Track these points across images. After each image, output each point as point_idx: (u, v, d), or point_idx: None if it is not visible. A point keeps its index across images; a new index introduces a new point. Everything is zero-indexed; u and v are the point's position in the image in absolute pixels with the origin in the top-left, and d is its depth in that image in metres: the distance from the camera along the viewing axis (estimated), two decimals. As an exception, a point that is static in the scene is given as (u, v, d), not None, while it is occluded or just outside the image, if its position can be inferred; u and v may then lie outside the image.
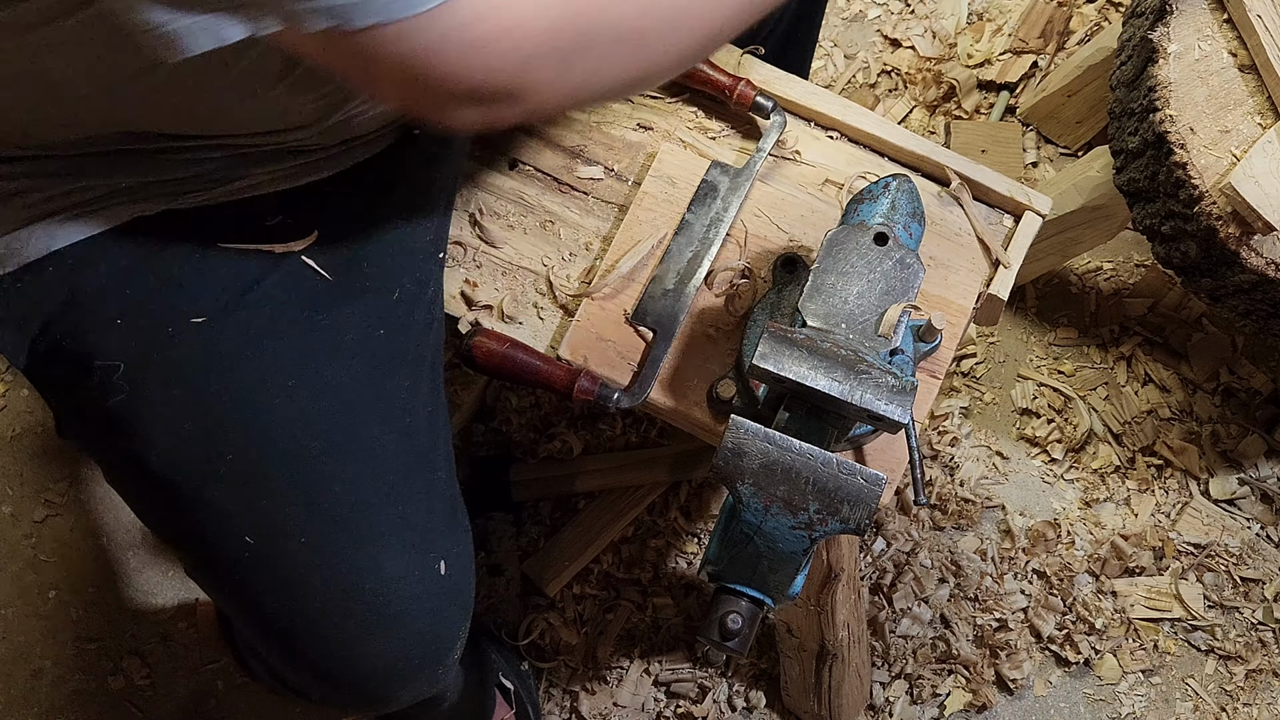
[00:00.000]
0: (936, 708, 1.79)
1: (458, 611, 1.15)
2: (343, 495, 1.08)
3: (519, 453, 1.89)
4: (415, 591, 1.10)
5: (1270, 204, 1.38)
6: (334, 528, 1.07)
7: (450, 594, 1.13)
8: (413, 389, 1.15)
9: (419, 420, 1.15)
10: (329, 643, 1.10)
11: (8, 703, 1.82)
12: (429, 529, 1.12)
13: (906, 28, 2.14)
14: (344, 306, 1.13)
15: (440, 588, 1.12)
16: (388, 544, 1.09)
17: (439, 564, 1.11)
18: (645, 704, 1.80)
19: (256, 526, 1.06)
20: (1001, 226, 1.32)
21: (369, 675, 1.11)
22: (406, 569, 1.10)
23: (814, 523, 1.00)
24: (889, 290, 1.09)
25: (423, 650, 1.12)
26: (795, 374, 1.02)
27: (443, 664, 1.15)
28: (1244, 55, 1.46)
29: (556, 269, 1.31)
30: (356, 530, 1.08)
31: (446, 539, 1.14)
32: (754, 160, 1.30)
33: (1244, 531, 1.86)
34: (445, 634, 1.14)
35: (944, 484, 1.88)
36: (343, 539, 1.08)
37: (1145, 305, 1.96)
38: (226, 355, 1.08)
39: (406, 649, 1.11)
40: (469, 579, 1.17)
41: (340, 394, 1.10)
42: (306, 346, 1.10)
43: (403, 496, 1.11)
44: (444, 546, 1.13)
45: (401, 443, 1.13)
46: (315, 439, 1.08)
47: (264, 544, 1.07)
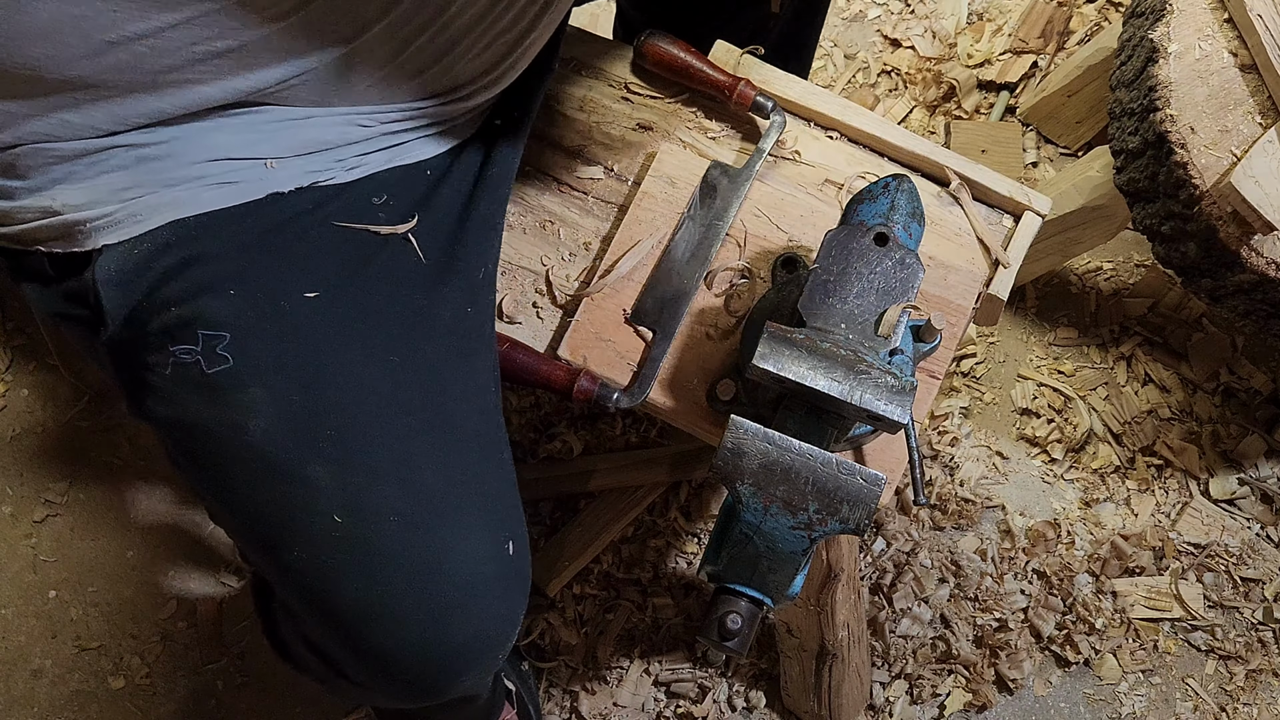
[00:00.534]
0: (936, 708, 1.79)
1: (522, 592, 1.14)
2: (434, 474, 1.08)
3: (519, 453, 1.89)
4: (491, 572, 1.10)
5: (1270, 204, 1.38)
6: (423, 507, 1.07)
7: (518, 574, 1.13)
8: (489, 368, 1.17)
9: (492, 399, 1.17)
10: (407, 624, 1.08)
11: (8, 703, 1.82)
12: (502, 509, 1.13)
13: (906, 28, 2.14)
14: (440, 286, 1.14)
15: (510, 568, 1.11)
16: (470, 524, 1.09)
17: (509, 544, 1.11)
18: (645, 704, 1.80)
19: (348, 504, 1.06)
20: (1001, 226, 1.32)
21: (440, 657, 1.10)
22: (484, 549, 1.09)
23: (813, 523, 1.00)
24: (888, 290, 1.09)
25: (494, 631, 1.11)
26: (795, 374, 1.02)
27: (505, 647, 1.14)
28: (1244, 55, 1.46)
29: (556, 269, 1.31)
30: (444, 509, 1.08)
31: (514, 519, 1.14)
32: (753, 160, 1.30)
33: (1244, 531, 1.86)
34: (512, 614, 1.13)
35: (944, 484, 1.88)
36: (431, 518, 1.07)
37: (1145, 305, 1.96)
38: (335, 332, 1.08)
39: (481, 629, 1.10)
40: (528, 561, 1.16)
41: (435, 373, 1.11)
42: (407, 326, 1.11)
43: (482, 476, 1.12)
44: (513, 527, 1.13)
45: (481, 421, 1.14)
46: (412, 416, 1.09)
47: (354, 522, 1.06)
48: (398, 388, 1.09)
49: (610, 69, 1.38)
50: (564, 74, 1.38)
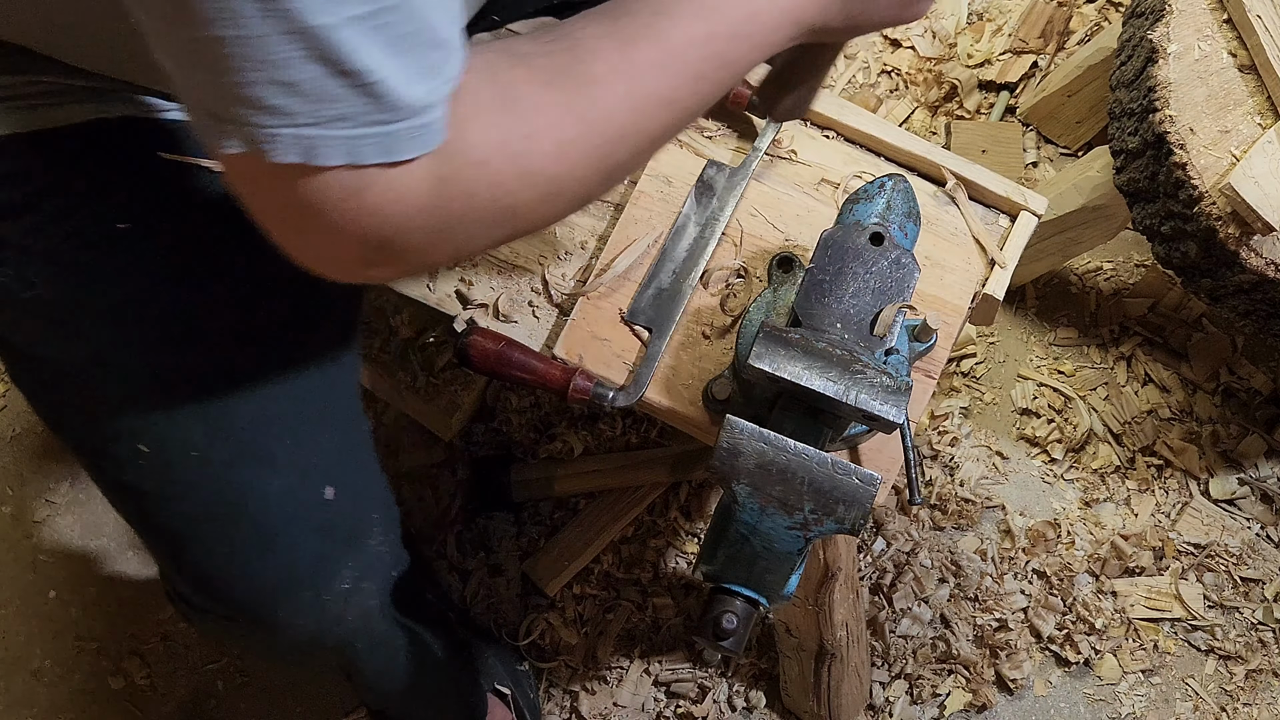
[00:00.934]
0: (936, 708, 1.79)
1: (342, 537, 1.17)
2: (244, 415, 1.11)
3: (519, 453, 1.89)
4: (296, 512, 1.13)
5: (1270, 204, 1.38)
6: (224, 444, 1.10)
7: (336, 518, 1.16)
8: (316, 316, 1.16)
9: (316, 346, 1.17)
10: (212, 554, 1.13)
11: (8, 703, 1.82)
12: (318, 453, 1.15)
13: (906, 28, 2.14)
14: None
15: (324, 511, 1.14)
16: (276, 463, 1.12)
17: (325, 489, 1.14)
18: (645, 704, 1.80)
19: (153, 437, 1.09)
20: (998, 226, 1.32)
21: (249, 588, 1.14)
22: (291, 490, 1.12)
23: (809, 523, 1.00)
24: (884, 290, 1.09)
25: (304, 571, 1.15)
26: (790, 374, 1.03)
27: (326, 586, 1.17)
28: (1244, 55, 1.46)
29: (552, 268, 1.31)
30: (244, 448, 1.11)
31: (338, 466, 1.16)
32: (750, 159, 1.30)
33: (1244, 531, 1.86)
34: (327, 557, 1.16)
35: (944, 484, 1.88)
36: (231, 455, 1.10)
37: (1145, 305, 1.96)
38: (146, 268, 1.08)
39: (288, 567, 1.14)
40: (365, 512, 1.19)
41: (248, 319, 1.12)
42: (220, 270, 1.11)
43: (295, 419, 1.13)
44: (334, 473, 1.15)
45: (299, 369, 1.14)
46: (225, 354, 1.11)
47: (157, 453, 1.09)
48: (211, 321, 1.10)
49: (608, 69, 1.38)
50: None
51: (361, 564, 1.20)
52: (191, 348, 1.10)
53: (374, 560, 1.22)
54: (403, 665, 1.43)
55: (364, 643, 1.30)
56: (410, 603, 1.40)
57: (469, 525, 1.87)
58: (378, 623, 1.29)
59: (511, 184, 0.82)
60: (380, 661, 1.38)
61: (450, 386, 1.84)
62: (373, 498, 1.22)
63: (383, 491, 1.25)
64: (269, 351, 1.14)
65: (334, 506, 1.15)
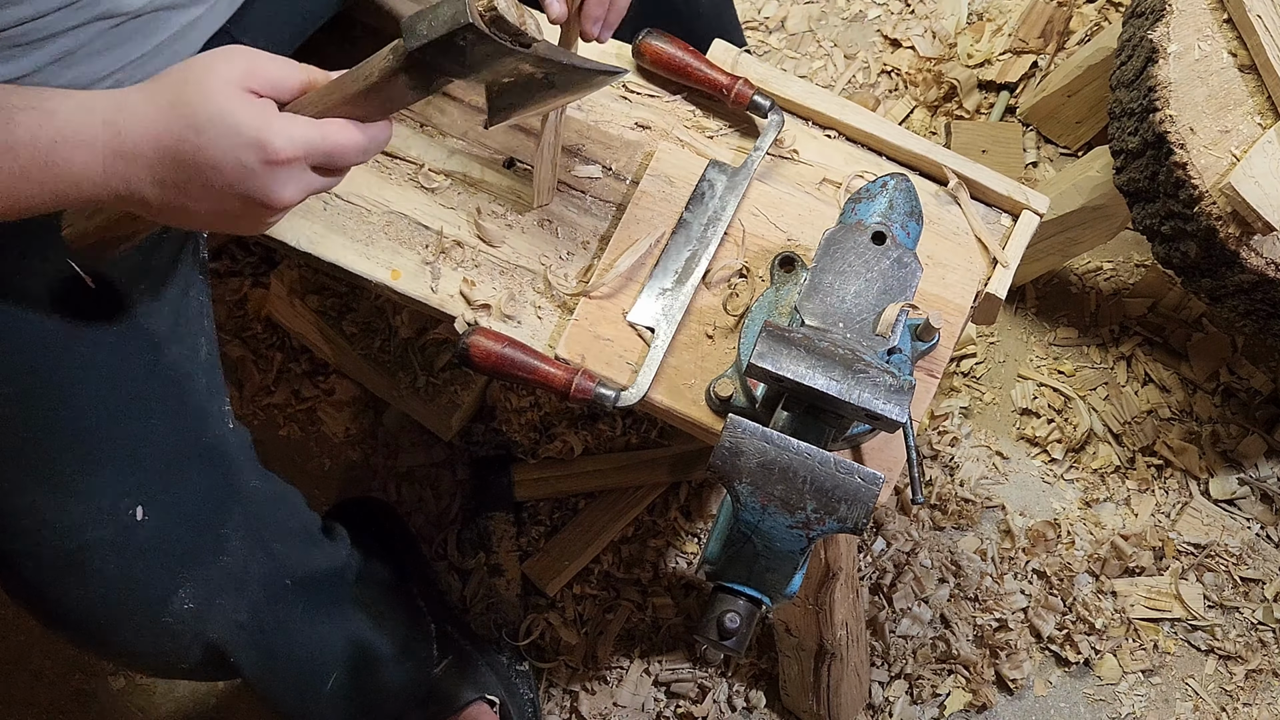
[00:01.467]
0: (936, 708, 1.79)
1: (163, 558, 1.13)
2: (32, 440, 1.09)
3: (519, 453, 1.89)
4: (99, 537, 1.10)
5: (1270, 204, 1.38)
6: (20, 472, 1.08)
7: (151, 540, 1.12)
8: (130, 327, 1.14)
9: (140, 362, 1.14)
10: (24, 580, 1.12)
11: (8, 703, 1.82)
12: (126, 474, 1.11)
13: (906, 28, 2.14)
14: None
15: (133, 533, 1.11)
16: (73, 488, 1.09)
17: (134, 510, 1.11)
18: (645, 704, 1.80)
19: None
20: (999, 226, 1.32)
21: (68, 611, 1.13)
22: (91, 514, 1.10)
23: (811, 522, 1.00)
24: (887, 289, 1.09)
25: (125, 595, 1.12)
26: (793, 373, 1.02)
27: (161, 610, 1.14)
28: (1244, 55, 1.46)
29: (554, 268, 1.31)
30: (41, 474, 1.08)
31: (154, 485, 1.12)
32: (752, 159, 1.30)
33: (1244, 531, 1.86)
34: (150, 578, 1.13)
35: (944, 484, 1.88)
36: (27, 483, 1.08)
37: (1145, 305, 1.96)
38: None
39: (104, 593, 1.11)
40: (204, 528, 1.15)
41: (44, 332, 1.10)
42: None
43: (100, 440, 1.10)
44: (146, 493, 1.11)
45: (108, 386, 1.11)
46: (11, 384, 1.09)
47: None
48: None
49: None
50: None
51: (208, 582, 1.16)
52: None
53: (228, 576, 1.18)
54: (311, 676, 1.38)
55: (246, 657, 1.25)
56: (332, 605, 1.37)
57: (469, 525, 1.87)
58: (258, 639, 1.24)
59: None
60: (277, 673, 1.32)
61: (450, 386, 1.84)
62: (218, 511, 1.17)
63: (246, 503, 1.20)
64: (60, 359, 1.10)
65: (148, 528, 1.11)
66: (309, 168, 0.96)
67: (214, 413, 1.21)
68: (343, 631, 1.42)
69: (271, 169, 0.94)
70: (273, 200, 0.95)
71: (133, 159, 0.94)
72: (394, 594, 1.61)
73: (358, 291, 1.86)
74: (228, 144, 0.92)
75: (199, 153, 0.93)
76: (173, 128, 0.93)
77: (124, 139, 0.94)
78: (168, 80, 0.95)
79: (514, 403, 1.90)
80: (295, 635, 1.32)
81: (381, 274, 1.31)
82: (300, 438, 1.93)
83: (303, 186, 0.97)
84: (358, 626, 1.45)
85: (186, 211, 0.97)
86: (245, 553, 1.20)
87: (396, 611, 1.56)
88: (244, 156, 0.93)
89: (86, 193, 0.95)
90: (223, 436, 1.20)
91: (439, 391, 1.84)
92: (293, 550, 1.28)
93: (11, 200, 0.94)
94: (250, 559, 1.21)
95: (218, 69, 0.94)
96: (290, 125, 0.94)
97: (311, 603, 1.32)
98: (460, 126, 1.37)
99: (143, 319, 1.15)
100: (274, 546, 1.24)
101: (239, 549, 1.19)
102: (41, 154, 0.93)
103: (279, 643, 1.29)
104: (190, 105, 0.93)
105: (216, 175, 0.93)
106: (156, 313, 1.17)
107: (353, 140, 0.97)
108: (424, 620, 1.67)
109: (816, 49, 2.14)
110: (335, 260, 1.32)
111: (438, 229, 1.32)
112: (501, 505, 1.86)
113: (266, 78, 0.96)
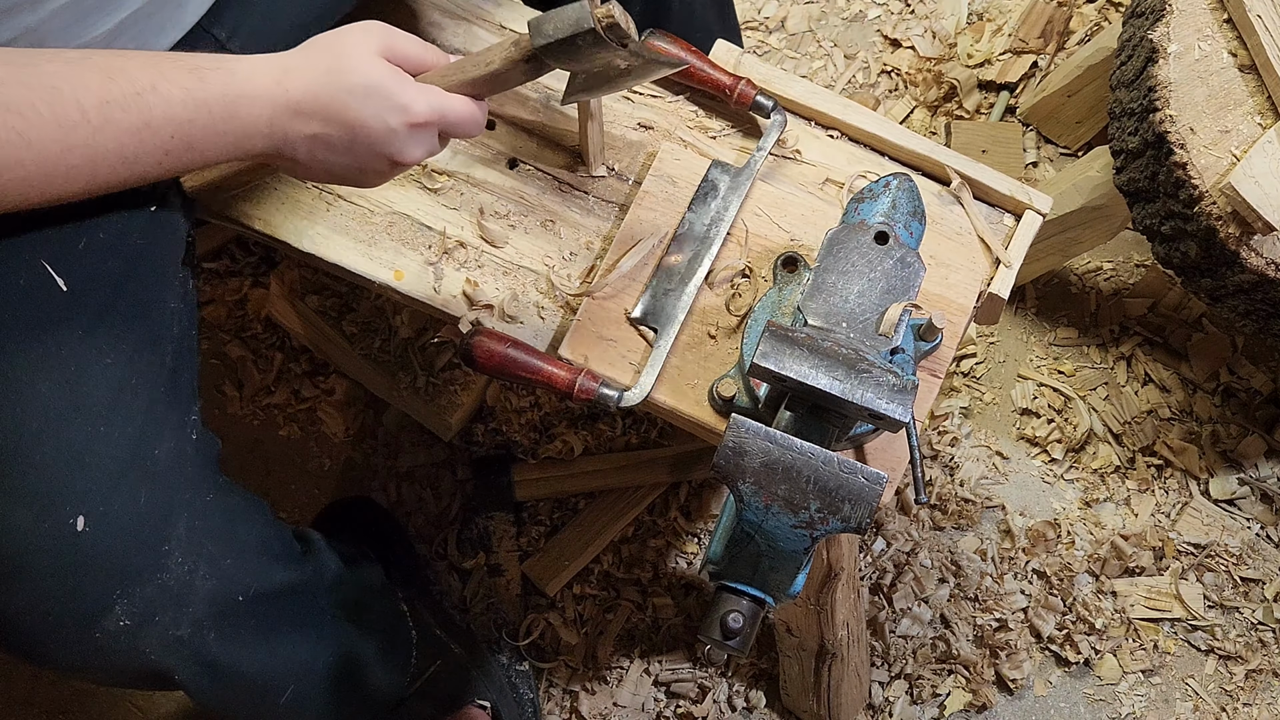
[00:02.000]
0: (936, 708, 1.79)
1: (100, 572, 1.11)
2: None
3: (519, 453, 1.89)
4: (39, 544, 1.08)
5: (1270, 204, 1.38)
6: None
7: (90, 552, 1.10)
8: (87, 335, 1.13)
9: (94, 369, 1.13)
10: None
11: (9, 702, 1.82)
12: (70, 482, 1.10)
13: (906, 28, 2.15)
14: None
15: (73, 544, 1.09)
16: (15, 493, 1.08)
17: (75, 520, 1.09)
18: (645, 704, 1.80)
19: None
20: (1002, 225, 1.32)
21: (5, 624, 1.10)
22: (31, 520, 1.08)
23: (815, 521, 1.00)
24: (890, 289, 1.09)
25: (57, 607, 1.10)
26: (796, 373, 1.02)
27: (93, 625, 1.12)
28: (1244, 55, 1.46)
29: (557, 268, 1.31)
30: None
31: (96, 496, 1.11)
32: (754, 159, 1.30)
33: (1244, 531, 1.86)
34: (84, 591, 1.11)
35: (944, 484, 1.88)
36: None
37: (1145, 305, 1.96)
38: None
39: (36, 602, 1.09)
40: (128, 543, 1.13)
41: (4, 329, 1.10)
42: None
43: (44, 446, 1.09)
44: (89, 503, 1.10)
45: (57, 391, 1.10)
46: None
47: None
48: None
49: (611, 68, 1.38)
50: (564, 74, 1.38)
51: (145, 600, 1.14)
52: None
53: (166, 594, 1.16)
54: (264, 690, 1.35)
55: (187, 672, 1.23)
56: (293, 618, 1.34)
57: (469, 525, 1.87)
58: (202, 653, 1.22)
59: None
60: (225, 688, 1.29)
61: (450, 386, 1.84)
62: (159, 527, 1.15)
63: (196, 517, 1.18)
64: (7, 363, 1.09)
65: (87, 540, 1.10)
66: (436, 133, 1.11)
67: (173, 423, 1.19)
68: (304, 644, 1.38)
69: (411, 130, 1.09)
70: (405, 157, 1.10)
71: (296, 114, 1.07)
72: (376, 600, 1.58)
73: (358, 291, 1.86)
74: (376, 107, 1.07)
75: (351, 112, 1.07)
76: (330, 89, 1.06)
77: (291, 96, 1.06)
78: (321, 48, 1.09)
79: (514, 403, 1.90)
80: (245, 650, 1.28)
81: (384, 275, 1.31)
82: (300, 438, 1.93)
83: (428, 148, 1.12)
84: (324, 638, 1.42)
85: (327, 165, 1.11)
86: (189, 569, 1.17)
87: (375, 619, 1.54)
88: (390, 119, 1.07)
89: (256, 145, 1.08)
90: (178, 449, 1.18)
91: (439, 391, 1.84)
92: (246, 565, 1.25)
93: (199, 151, 1.07)
94: (194, 575, 1.18)
95: (365, 42, 1.08)
96: (428, 93, 1.09)
97: (267, 617, 1.29)
98: (462, 126, 1.37)
99: (111, 324, 1.15)
100: (224, 563, 1.21)
101: (181, 565, 1.16)
102: (229, 107, 1.05)
103: (225, 657, 1.26)
104: (345, 72, 1.06)
105: (364, 132, 1.08)
106: (127, 319, 1.16)
107: (472, 114, 1.12)
108: (404, 627, 1.64)
109: (816, 49, 2.15)
110: (338, 261, 1.32)
111: (440, 229, 1.32)
112: (501, 505, 1.86)
113: (402, 53, 1.10)
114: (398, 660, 1.58)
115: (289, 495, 1.91)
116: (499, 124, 1.37)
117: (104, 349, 1.14)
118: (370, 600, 1.55)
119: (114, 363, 1.14)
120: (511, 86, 1.15)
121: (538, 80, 1.34)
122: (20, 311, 1.11)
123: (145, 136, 1.02)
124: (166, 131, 1.03)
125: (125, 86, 1.01)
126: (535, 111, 1.37)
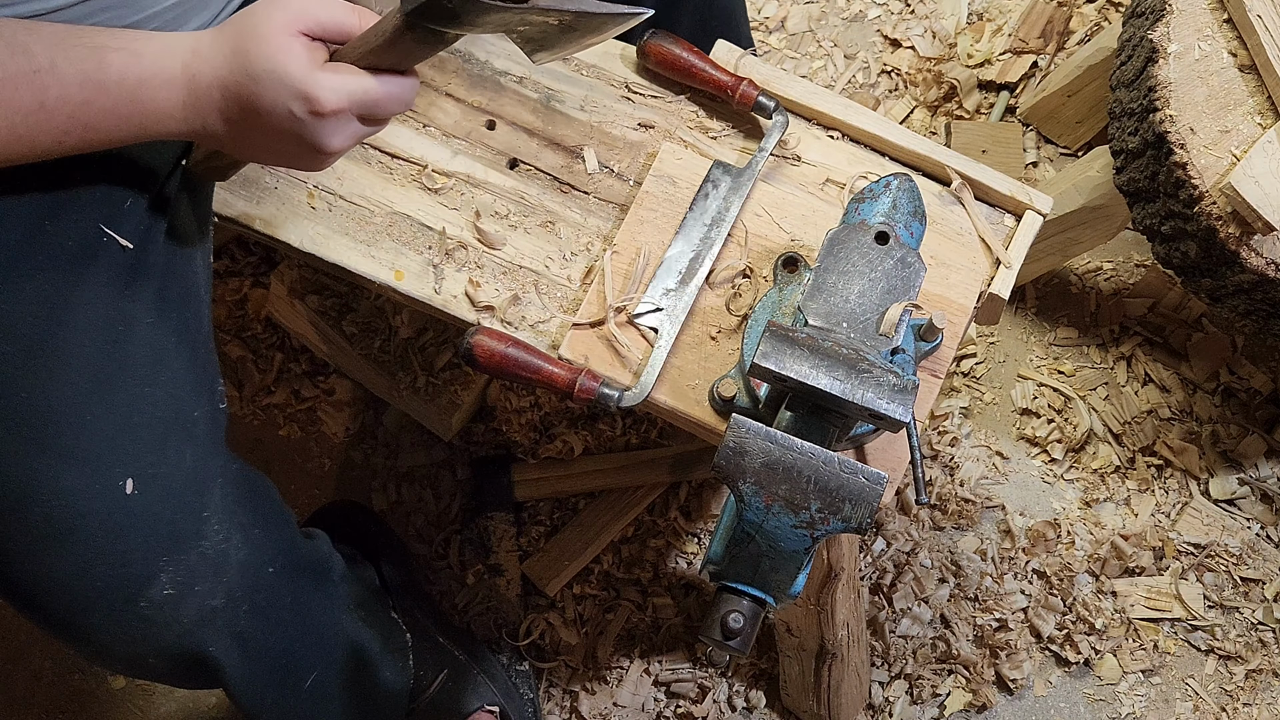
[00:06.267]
0: (936, 708, 1.79)
1: (149, 537, 1.11)
2: (27, 401, 1.07)
3: (519, 453, 1.89)
4: (91, 507, 1.08)
5: (1270, 204, 1.38)
6: (11, 433, 1.06)
7: (140, 516, 1.10)
8: (129, 295, 1.13)
9: (138, 329, 1.12)
10: (6, 552, 1.08)
11: (8, 703, 1.82)
12: (119, 444, 1.09)
13: (906, 28, 2.15)
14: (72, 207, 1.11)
15: (123, 506, 1.09)
16: (68, 454, 1.07)
17: (125, 482, 1.09)
18: (645, 704, 1.80)
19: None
20: (1003, 226, 1.32)
21: (49, 591, 1.09)
22: (83, 484, 1.07)
23: (815, 521, 1.00)
24: (890, 289, 1.09)
25: (107, 572, 1.09)
26: (797, 373, 1.02)
27: (139, 593, 1.11)
28: (1244, 55, 1.46)
29: (558, 268, 1.31)
30: (34, 437, 1.06)
31: (144, 458, 1.10)
32: (755, 160, 1.30)
33: (1244, 531, 1.86)
34: (128, 556, 1.10)
35: (944, 484, 1.88)
36: (19, 445, 1.06)
37: (1145, 305, 1.96)
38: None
39: (85, 567, 1.09)
40: (187, 509, 1.13)
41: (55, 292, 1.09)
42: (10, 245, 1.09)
43: (94, 407, 1.09)
44: (137, 465, 1.10)
45: (103, 351, 1.10)
46: (12, 343, 1.07)
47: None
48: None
49: (611, 69, 1.38)
50: (565, 74, 1.38)
51: (188, 568, 1.13)
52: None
53: (206, 561, 1.15)
54: (289, 670, 1.34)
55: (220, 644, 1.22)
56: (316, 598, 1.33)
57: (469, 525, 1.87)
58: (234, 625, 1.21)
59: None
60: (252, 663, 1.28)
61: (450, 386, 1.84)
62: (200, 492, 1.15)
63: (226, 485, 1.18)
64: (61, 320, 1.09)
65: (136, 503, 1.09)
66: (355, 118, 1.03)
67: (205, 387, 1.19)
68: (328, 627, 1.38)
69: (319, 119, 1.01)
70: (322, 147, 1.03)
71: (206, 100, 1.02)
72: (374, 601, 1.59)
73: (358, 291, 1.86)
74: (278, 94, 1.00)
75: (255, 99, 1.00)
76: (234, 74, 1.00)
77: (197, 82, 1.01)
78: (232, 27, 1.02)
79: (514, 403, 1.90)
80: (274, 627, 1.28)
81: (385, 275, 1.31)
82: (300, 438, 1.93)
83: (349, 135, 1.04)
84: (343, 626, 1.42)
85: (253, 150, 1.06)
86: (224, 537, 1.17)
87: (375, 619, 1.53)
88: (294, 107, 1.00)
89: (169, 128, 1.03)
90: (211, 413, 1.18)
91: (439, 391, 1.84)
92: (273, 536, 1.24)
93: (101, 133, 1.02)
94: (229, 543, 1.17)
95: (273, 15, 1.00)
96: (334, 78, 1.01)
97: (295, 594, 1.29)
98: (464, 127, 1.37)
99: (154, 283, 1.15)
100: (254, 532, 1.21)
101: (218, 532, 1.16)
102: (129, 92, 1.01)
103: (255, 631, 1.25)
104: (248, 55, 1.00)
105: (271, 120, 1.01)
106: (165, 278, 1.16)
107: (390, 92, 1.03)
108: (399, 631, 1.64)
109: (816, 49, 2.15)
110: (339, 261, 1.32)
111: (441, 230, 1.32)
112: (501, 505, 1.86)
113: (317, 20, 1.01)
114: (399, 661, 1.58)
115: (289, 495, 1.91)
116: (499, 124, 1.37)
117: (144, 309, 1.14)
118: (370, 600, 1.55)
119: (154, 323, 1.14)
120: (424, 58, 1.05)
121: (537, 80, 1.35)
122: (72, 275, 1.10)
123: (40, 118, 0.98)
124: (63, 113, 0.99)
125: (23, 64, 0.97)
126: (535, 112, 1.37)
